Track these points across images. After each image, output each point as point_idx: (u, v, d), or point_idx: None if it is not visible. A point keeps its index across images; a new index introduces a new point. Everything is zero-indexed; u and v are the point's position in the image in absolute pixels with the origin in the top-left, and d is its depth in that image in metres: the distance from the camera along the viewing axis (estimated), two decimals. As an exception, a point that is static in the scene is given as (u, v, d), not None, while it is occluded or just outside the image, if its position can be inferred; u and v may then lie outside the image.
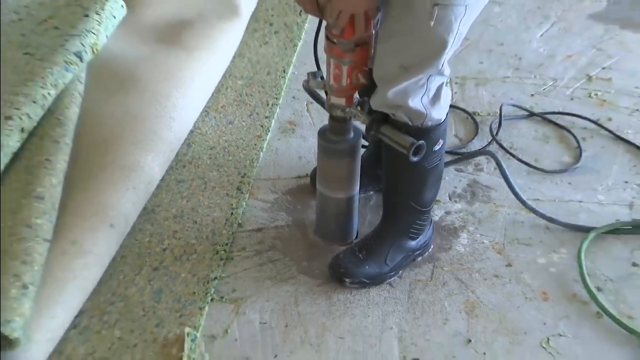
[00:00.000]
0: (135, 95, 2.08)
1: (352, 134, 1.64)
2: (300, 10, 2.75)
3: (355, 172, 1.71)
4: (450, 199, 2.00)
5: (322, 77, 1.63)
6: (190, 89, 2.19)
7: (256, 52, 2.55)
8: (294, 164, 2.13)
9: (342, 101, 1.57)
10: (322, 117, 2.29)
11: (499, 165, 1.96)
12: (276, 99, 2.35)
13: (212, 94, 2.33)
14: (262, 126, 2.24)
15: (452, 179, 2.04)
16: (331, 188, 1.73)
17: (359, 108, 1.56)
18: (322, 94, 1.63)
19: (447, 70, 1.50)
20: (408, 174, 1.67)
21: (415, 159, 1.50)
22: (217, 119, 2.26)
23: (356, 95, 1.56)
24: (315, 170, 1.97)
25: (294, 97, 2.38)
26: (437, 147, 1.61)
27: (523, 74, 2.48)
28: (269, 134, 2.23)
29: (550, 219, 1.91)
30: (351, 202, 1.76)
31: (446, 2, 1.34)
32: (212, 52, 2.34)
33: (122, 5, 2.17)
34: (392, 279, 1.78)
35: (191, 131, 2.19)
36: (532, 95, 2.39)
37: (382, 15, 1.41)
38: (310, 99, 1.88)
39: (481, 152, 2.11)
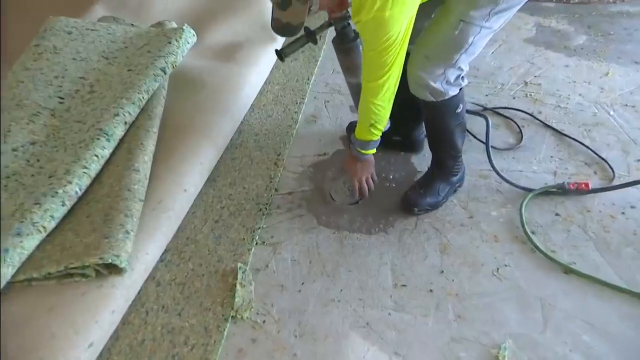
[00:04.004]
0: (201, 96, 2.06)
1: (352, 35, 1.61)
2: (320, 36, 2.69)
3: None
4: (428, 167, 1.92)
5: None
6: (240, 92, 2.17)
7: (288, 66, 2.51)
8: (315, 145, 2.09)
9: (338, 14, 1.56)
10: (335, 111, 2.25)
11: (487, 127, 1.95)
12: (302, 99, 2.32)
13: (257, 96, 2.31)
14: (292, 118, 2.21)
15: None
16: (352, 76, 1.70)
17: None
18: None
19: (463, 67, 1.54)
20: (445, 132, 1.71)
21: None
22: (260, 114, 2.23)
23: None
24: (350, 124, 2.09)
25: (315, 98, 2.33)
26: (458, 110, 1.65)
27: (480, 81, 2.41)
28: (297, 124, 2.20)
29: (507, 181, 1.87)
30: None
31: (468, 21, 1.40)
32: (256, 66, 2.31)
33: (193, 34, 2.15)
34: (443, 204, 1.81)
35: (241, 122, 2.17)
36: (487, 95, 2.33)
37: (421, 14, 1.39)
38: (327, 99, 1.81)
39: (478, 113, 2.09)
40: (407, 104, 1.70)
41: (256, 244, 1.70)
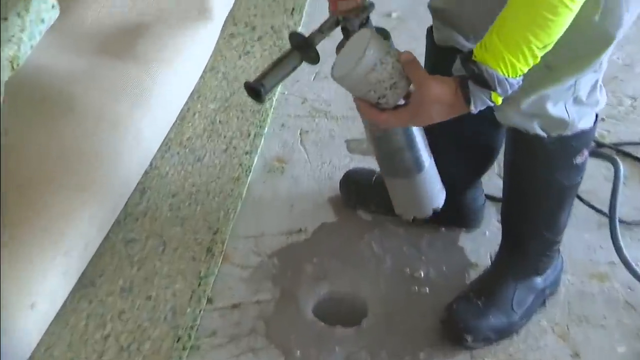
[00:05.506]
0: (68, 122, 2.08)
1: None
2: (292, 9, 2.74)
3: None
4: (491, 257, 1.96)
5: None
6: (144, 115, 2.18)
7: (234, 64, 2.57)
8: (284, 216, 2.11)
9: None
10: (320, 151, 2.29)
11: (616, 181, 1.93)
12: (260, 127, 2.35)
13: (175, 122, 2.34)
14: (241, 165, 2.23)
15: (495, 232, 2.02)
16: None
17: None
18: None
19: (604, 65, 1.52)
20: (545, 196, 1.72)
21: None
22: (182, 155, 2.26)
23: None
24: (346, 175, 2.14)
25: (283, 125, 2.38)
26: (579, 160, 1.64)
27: (591, 93, 2.46)
28: (250, 174, 2.21)
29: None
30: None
31: None
32: (174, 65, 2.35)
33: (52, 6, 2.18)
34: (522, 328, 1.81)
35: (146, 172, 2.19)
36: (603, 119, 2.34)
37: None
38: (305, 128, 1.81)
39: (600, 153, 2.06)
40: (459, 141, 1.72)
41: (168, 410, 1.69)
